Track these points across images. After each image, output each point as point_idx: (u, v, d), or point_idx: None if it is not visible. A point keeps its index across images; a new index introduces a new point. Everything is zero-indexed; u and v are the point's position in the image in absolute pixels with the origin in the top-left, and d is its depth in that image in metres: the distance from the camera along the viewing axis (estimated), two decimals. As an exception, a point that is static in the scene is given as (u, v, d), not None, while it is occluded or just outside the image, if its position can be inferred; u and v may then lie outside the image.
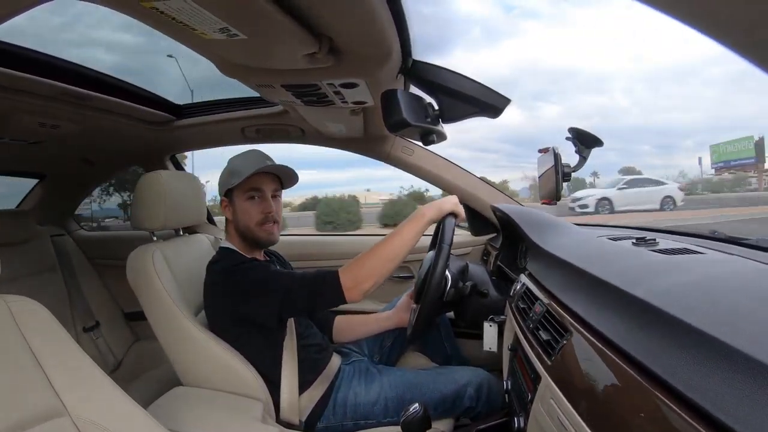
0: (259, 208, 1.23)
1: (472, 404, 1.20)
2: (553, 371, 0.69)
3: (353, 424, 1.18)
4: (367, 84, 1.01)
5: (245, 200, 1.22)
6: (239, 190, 1.22)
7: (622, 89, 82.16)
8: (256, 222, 1.22)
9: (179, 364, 1.19)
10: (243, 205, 1.23)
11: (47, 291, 1.84)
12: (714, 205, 11.94)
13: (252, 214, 1.22)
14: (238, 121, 1.71)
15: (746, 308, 0.51)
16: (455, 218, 1.20)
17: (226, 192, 1.25)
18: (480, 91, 0.96)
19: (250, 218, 1.22)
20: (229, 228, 1.28)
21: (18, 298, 0.76)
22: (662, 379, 0.46)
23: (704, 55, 58.65)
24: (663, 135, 47.99)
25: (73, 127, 1.51)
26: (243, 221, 1.23)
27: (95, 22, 8.21)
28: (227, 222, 1.28)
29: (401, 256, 1.13)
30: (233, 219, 1.25)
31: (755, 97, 53.31)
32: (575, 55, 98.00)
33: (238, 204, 1.23)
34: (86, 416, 0.71)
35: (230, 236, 1.28)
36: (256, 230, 1.23)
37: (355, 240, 2.00)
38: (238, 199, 1.23)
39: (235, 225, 1.25)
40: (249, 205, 1.23)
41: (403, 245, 1.13)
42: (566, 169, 1.17)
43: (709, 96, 67.96)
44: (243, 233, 1.24)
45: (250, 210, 1.22)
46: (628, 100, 75.92)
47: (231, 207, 1.25)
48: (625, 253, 0.88)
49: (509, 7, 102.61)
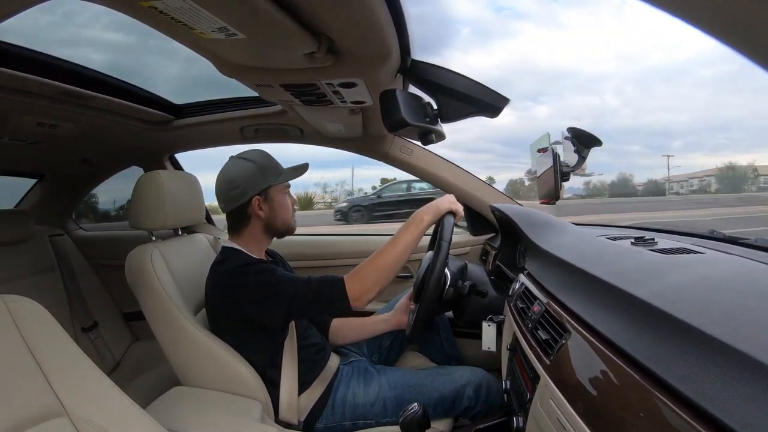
0: (290, 201, 1.30)
1: (471, 404, 1.20)
2: (551, 371, 0.69)
3: (352, 424, 1.18)
4: (366, 84, 1.01)
5: (284, 196, 1.27)
6: (279, 186, 1.25)
7: (613, 90, 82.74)
8: (292, 213, 1.29)
9: (178, 364, 1.19)
10: (283, 200, 1.26)
11: (46, 291, 1.84)
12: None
13: (290, 208, 1.29)
14: (237, 120, 1.70)
15: (745, 308, 0.51)
16: (454, 216, 1.20)
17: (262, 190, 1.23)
18: (479, 91, 0.97)
19: (288, 211, 1.28)
20: (250, 227, 1.24)
21: (17, 298, 0.76)
22: (661, 379, 0.46)
23: (694, 57, 59.20)
24: (653, 136, 48.49)
25: (72, 127, 1.50)
26: (282, 215, 1.26)
27: (85, 22, 8.14)
28: (250, 219, 1.23)
29: (402, 261, 1.15)
30: (268, 215, 1.23)
31: (745, 98, 53.91)
32: (566, 56, 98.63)
33: (278, 200, 1.25)
34: (85, 416, 0.71)
35: (244, 236, 1.24)
36: (292, 222, 1.29)
37: (355, 239, 2.00)
38: (278, 195, 1.25)
39: (269, 221, 1.24)
40: (287, 199, 1.28)
41: (403, 251, 1.15)
42: (565, 169, 1.17)
43: (699, 97, 68.76)
44: (277, 228, 1.26)
45: (288, 204, 1.28)
46: (619, 101, 76.57)
47: (267, 204, 1.23)
48: (624, 253, 0.88)
49: (500, 8, 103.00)
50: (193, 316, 1.19)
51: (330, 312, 1.13)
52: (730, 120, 53.23)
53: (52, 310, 0.80)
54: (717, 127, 50.80)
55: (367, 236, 2.00)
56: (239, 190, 1.20)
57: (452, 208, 1.20)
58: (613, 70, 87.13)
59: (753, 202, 14.31)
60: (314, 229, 5.66)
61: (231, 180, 1.21)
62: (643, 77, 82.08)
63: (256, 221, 1.24)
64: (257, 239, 1.26)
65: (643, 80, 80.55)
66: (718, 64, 68.13)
